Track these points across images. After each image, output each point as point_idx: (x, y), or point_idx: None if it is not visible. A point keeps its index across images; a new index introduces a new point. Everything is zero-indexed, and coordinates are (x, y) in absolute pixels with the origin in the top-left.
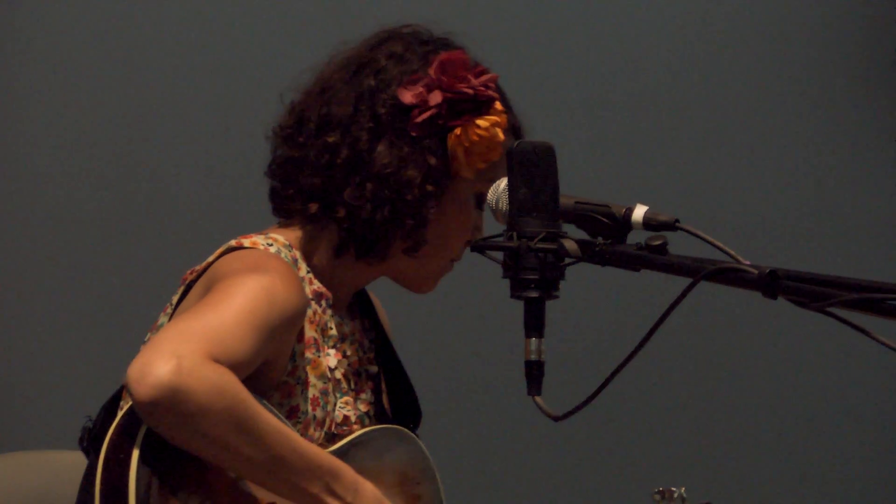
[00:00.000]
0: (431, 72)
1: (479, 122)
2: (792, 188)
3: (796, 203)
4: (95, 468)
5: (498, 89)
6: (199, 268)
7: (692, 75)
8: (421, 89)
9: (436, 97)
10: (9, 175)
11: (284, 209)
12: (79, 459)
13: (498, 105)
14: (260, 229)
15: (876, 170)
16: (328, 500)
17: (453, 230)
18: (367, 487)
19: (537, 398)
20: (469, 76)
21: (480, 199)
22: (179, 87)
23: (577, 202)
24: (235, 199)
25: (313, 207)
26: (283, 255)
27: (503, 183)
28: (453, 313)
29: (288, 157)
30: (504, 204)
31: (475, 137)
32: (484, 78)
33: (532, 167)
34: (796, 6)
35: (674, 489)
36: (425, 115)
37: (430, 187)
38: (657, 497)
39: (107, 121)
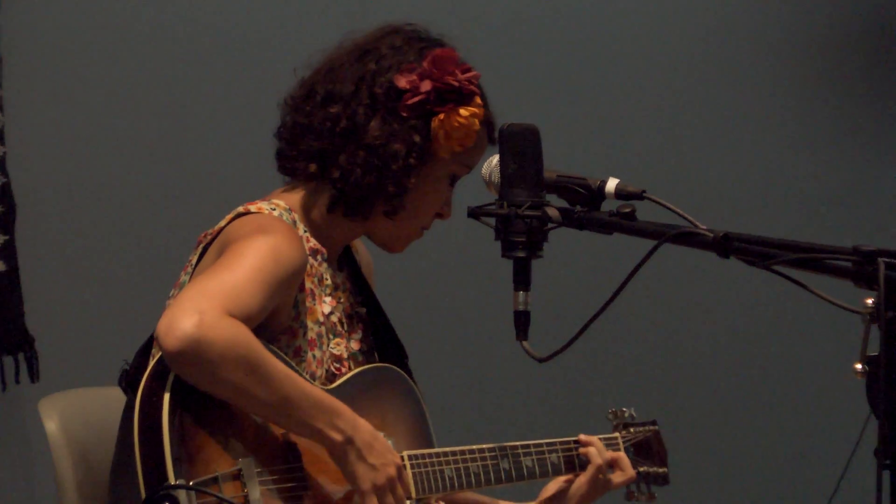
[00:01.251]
0: (425, 64)
1: (461, 110)
2: (743, 164)
3: (746, 176)
4: (133, 408)
5: (479, 87)
6: (212, 231)
7: (658, 65)
8: (414, 77)
9: (426, 85)
10: (51, 144)
11: (288, 168)
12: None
13: (478, 100)
14: (263, 196)
15: (817, 147)
16: (332, 433)
17: (427, 202)
18: (364, 423)
19: (524, 342)
20: (456, 71)
21: (453, 178)
22: (200, 66)
23: (558, 176)
24: (244, 168)
25: (312, 167)
26: (284, 217)
27: (495, 159)
28: (455, 271)
29: (295, 123)
30: (496, 177)
31: (455, 123)
32: (468, 75)
33: (520, 146)
34: None
35: (624, 409)
36: (415, 99)
37: (412, 160)
38: (611, 416)
39: (138, 97)
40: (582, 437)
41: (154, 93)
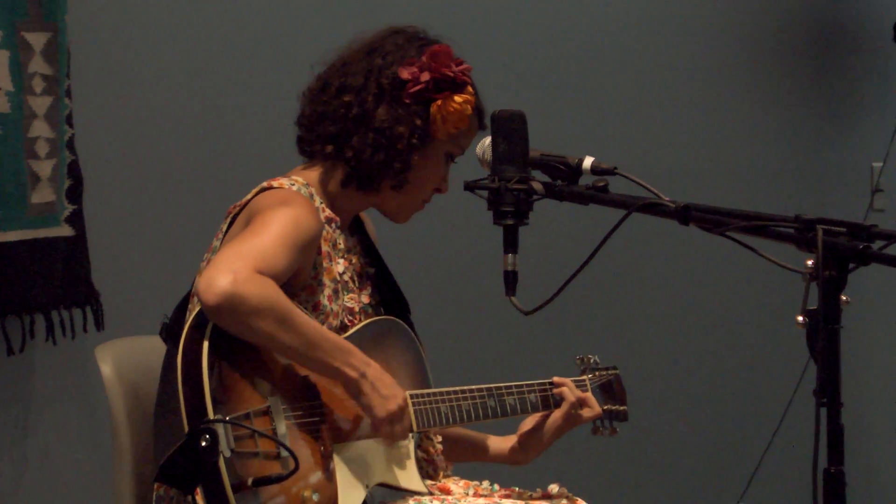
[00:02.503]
0: (424, 58)
1: (456, 97)
2: (701, 144)
3: (704, 154)
4: (174, 355)
5: (470, 79)
6: (240, 203)
7: (628, 61)
8: (415, 69)
9: (425, 76)
10: (111, 127)
11: (307, 150)
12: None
13: (470, 89)
14: (284, 173)
15: (765, 130)
16: (347, 370)
17: (427, 178)
18: (374, 363)
19: (512, 298)
20: (451, 64)
21: (450, 157)
22: (236, 65)
23: (542, 154)
24: (267, 150)
25: (329, 149)
26: (302, 191)
27: (488, 140)
28: (453, 237)
29: (313, 111)
30: (488, 155)
31: (451, 109)
32: (461, 67)
33: (509, 128)
34: None
35: (590, 356)
36: (416, 88)
37: (414, 141)
38: (578, 362)
39: (182, 90)
40: (556, 379)
41: (195, 86)
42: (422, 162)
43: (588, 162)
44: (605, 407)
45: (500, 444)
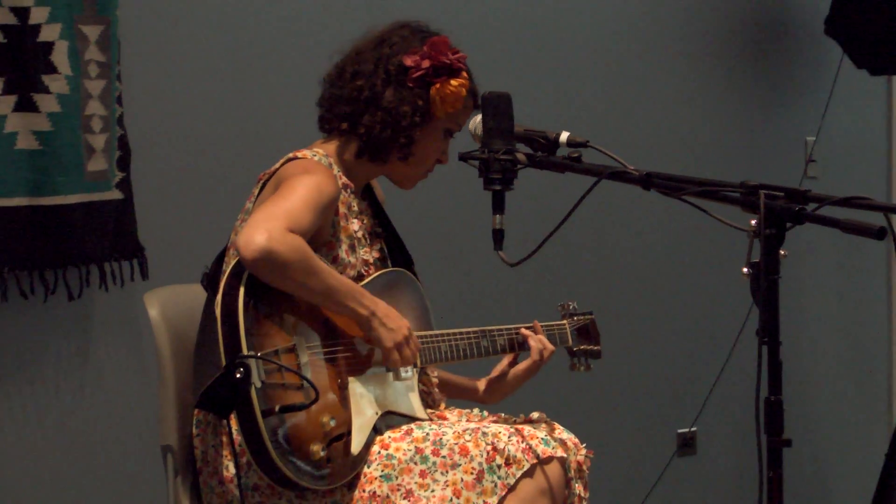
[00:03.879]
0: (425, 48)
1: (452, 81)
2: (661, 120)
3: (663, 129)
4: (213, 300)
5: (465, 65)
6: (269, 171)
7: (599, 48)
8: (417, 57)
9: (426, 63)
10: (155, 104)
11: (326, 127)
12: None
13: (464, 74)
14: (306, 146)
15: (715, 107)
16: (360, 309)
17: (429, 151)
18: (382, 303)
19: (500, 252)
20: (448, 52)
21: (448, 133)
22: (268, 55)
23: (525, 129)
24: (292, 126)
25: (344, 126)
26: (322, 161)
27: (479, 117)
28: (450, 201)
29: (332, 94)
30: (479, 130)
31: (448, 91)
32: (457, 55)
33: (497, 107)
34: None
35: (569, 303)
36: (418, 73)
37: (416, 118)
38: (560, 308)
39: (219, 74)
40: (535, 323)
41: (227, 71)
42: (424, 137)
43: (564, 136)
44: (581, 347)
45: (476, 387)
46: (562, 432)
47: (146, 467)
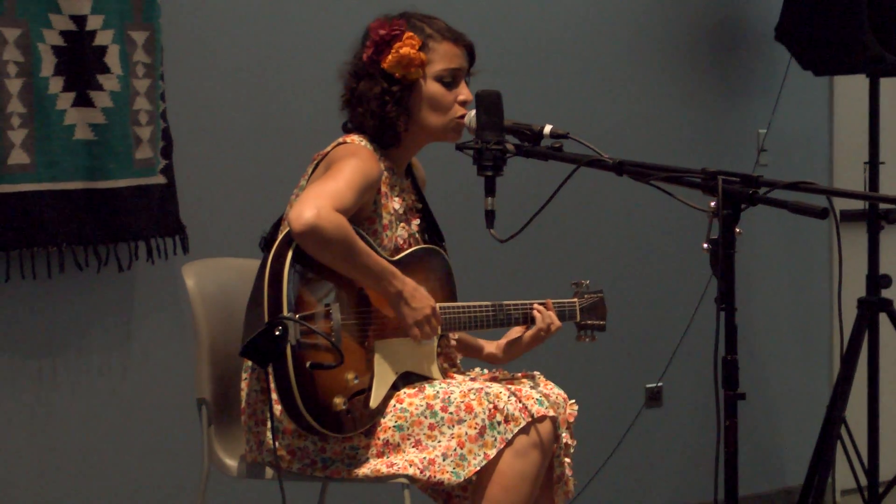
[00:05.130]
0: (368, 38)
1: (395, 47)
2: (633, 114)
3: (635, 122)
4: (266, 263)
5: (408, 25)
6: (322, 153)
7: (580, 52)
8: (367, 49)
9: (370, 47)
10: (194, 100)
11: (347, 127)
12: (248, 266)
13: (404, 36)
14: (324, 138)
15: (679, 102)
16: (390, 288)
17: (439, 104)
18: (410, 281)
19: (491, 230)
20: (381, 29)
21: (442, 81)
22: (292, 50)
23: (514, 123)
24: (312, 120)
25: (355, 123)
26: (367, 146)
27: (473, 112)
28: (455, 188)
29: (345, 101)
30: (473, 124)
31: (397, 57)
32: (392, 25)
33: (489, 104)
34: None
35: (583, 281)
36: (369, 59)
37: (395, 93)
38: (574, 286)
39: (260, 73)
40: (539, 305)
41: (257, 72)
42: (418, 101)
43: (548, 128)
44: (588, 322)
45: (489, 347)
46: (553, 388)
47: (184, 417)
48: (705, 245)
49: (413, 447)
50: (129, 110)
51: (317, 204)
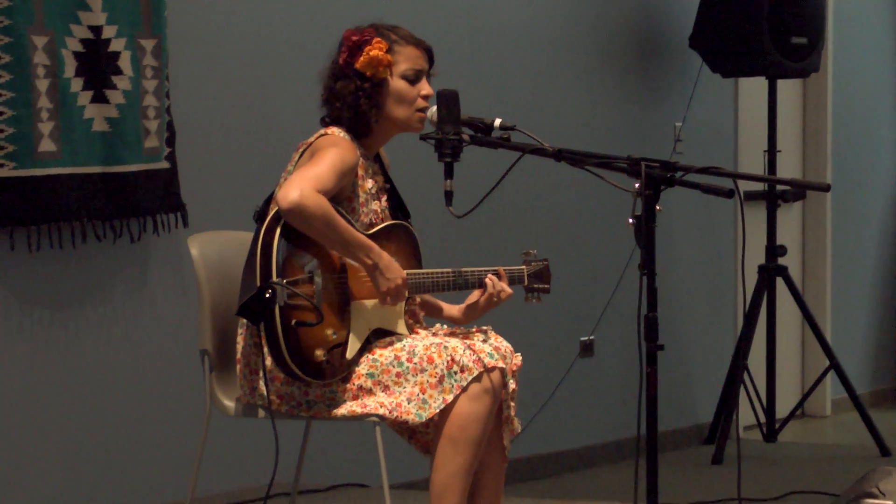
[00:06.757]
0: (344, 43)
1: (366, 50)
2: (570, 109)
3: (572, 115)
4: (258, 235)
5: (376, 33)
6: (307, 142)
7: (525, 52)
8: (342, 53)
9: (345, 52)
10: (195, 97)
11: (326, 121)
12: (243, 237)
13: (374, 41)
14: (306, 131)
15: (609, 100)
16: (366, 260)
17: (404, 98)
18: (385, 254)
19: (450, 208)
20: (353, 36)
21: (407, 78)
22: (286, 51)
23: (469, 117)
24: (295, 116)
25: (332, 117)
26: (346, 137)
27: (434, 108)
28: (419, 170)
29: (324, 99)
30: (435, 118)
31: (368, 58)
32: (362, 32)
33: (448, 101)
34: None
35: (531, 251)
36: (344, 62)
37: (361, 93)
38: (524, 255)
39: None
40: (500, 269)
41: (251, 75)
42: (386, 96)
43: (497, 122)
44: (534, 286)
45: (449, 309)
46: (502, 341)
47: (188, 367)
48: (630, 220)
49: (383, 392)
50: (139, 106)
51: (300, 186)
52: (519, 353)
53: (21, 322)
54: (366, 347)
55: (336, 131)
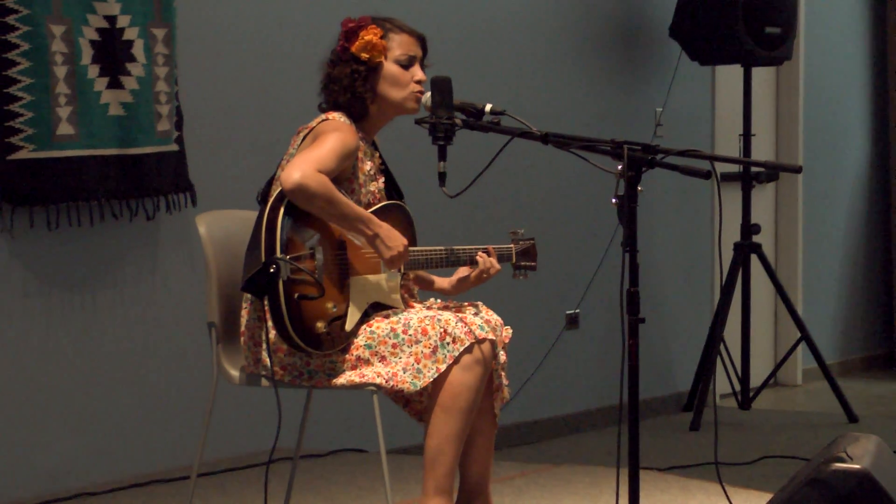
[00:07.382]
0: (341, 30)
1: (360, 36)
2: (556, 96)
3: (558, 103)
4: (263, 214)
5: (372, 21)
6: (308, 126)
7: (515, 42)
8: (339, 41)
9: (342, 37)
10: (202, 83)
11: (324, 108)
12: (247, 216)
13: (369, 27)
14: (307, 115)
15: (592, 87)
16: (367, 231)
17: (398, 81)
18: (385, 224)
19: (443, 188)
20: (349, 24)
21: (400, 63)
22: (290, 38)
23: (461, 102)
24: (297, 101)
25: (330, 101)
26: (346, 121)
27: (429, 94)
28: (414, 153)
29: (323, 85)
30: (429, 103)
31: (364, 42)
32: (358, 20)
33: (441, 86)
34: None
35: (519, 230)
36: (341, 47)
37: (356, 76)
38: (511, 234)
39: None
40: (490, 248)
41: (257, 60)
42: (381, 80)
43: (488, 107)
44: (522, 263)
45: (440, 282)
46: (492, 315)
47: (197, 338)
48: (613, 200)
49: (380, 362)
50: (152, 92)
51: (302, 167)
52: (509, 327)
53: (40, 295)
54: (364, 320)
55: (337, 116)
